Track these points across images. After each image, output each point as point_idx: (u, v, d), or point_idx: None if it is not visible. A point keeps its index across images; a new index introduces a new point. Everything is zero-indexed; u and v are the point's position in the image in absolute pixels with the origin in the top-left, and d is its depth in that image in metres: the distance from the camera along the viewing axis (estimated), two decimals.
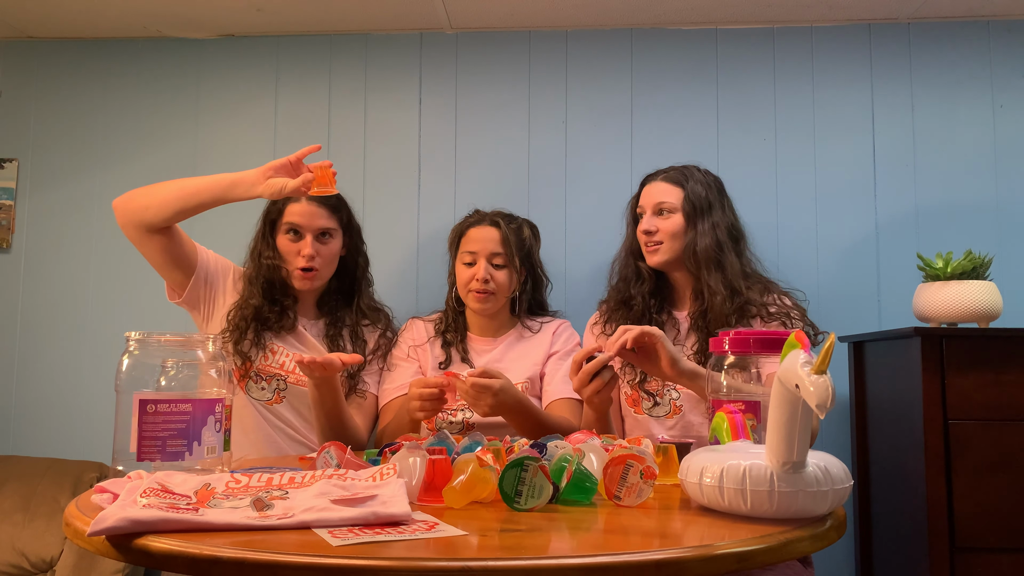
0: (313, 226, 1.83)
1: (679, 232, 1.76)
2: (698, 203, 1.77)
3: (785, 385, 0.89)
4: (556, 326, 1.94)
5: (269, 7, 2.28)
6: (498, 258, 1.85)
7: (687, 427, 1.73)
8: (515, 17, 2.33)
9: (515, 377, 1.83)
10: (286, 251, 1.84)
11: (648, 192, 1.83)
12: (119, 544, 0.81)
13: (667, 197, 1.78)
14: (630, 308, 1.82)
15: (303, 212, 1.84)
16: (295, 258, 1.83)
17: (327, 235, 1.86)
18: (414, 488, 1.01)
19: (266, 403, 1.82)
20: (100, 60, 2.47)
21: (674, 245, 1.77)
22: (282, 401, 1.83)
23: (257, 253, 1.87)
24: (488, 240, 1.85)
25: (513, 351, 1.90)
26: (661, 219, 1.78)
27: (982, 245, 2.11)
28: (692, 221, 1.76)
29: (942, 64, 2.31)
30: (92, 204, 2.42)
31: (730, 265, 1.74)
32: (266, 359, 1.82)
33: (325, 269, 1.86)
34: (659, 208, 1.79)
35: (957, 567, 1.71)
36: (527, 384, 1.83)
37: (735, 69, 2.36)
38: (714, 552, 0.78)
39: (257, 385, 1.82)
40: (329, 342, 1.89)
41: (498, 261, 1.85)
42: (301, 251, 1.82)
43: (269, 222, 1.88)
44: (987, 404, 1.74)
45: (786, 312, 1.72)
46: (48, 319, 2.39)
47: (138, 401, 1.07)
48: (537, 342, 1.91)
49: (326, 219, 1.85)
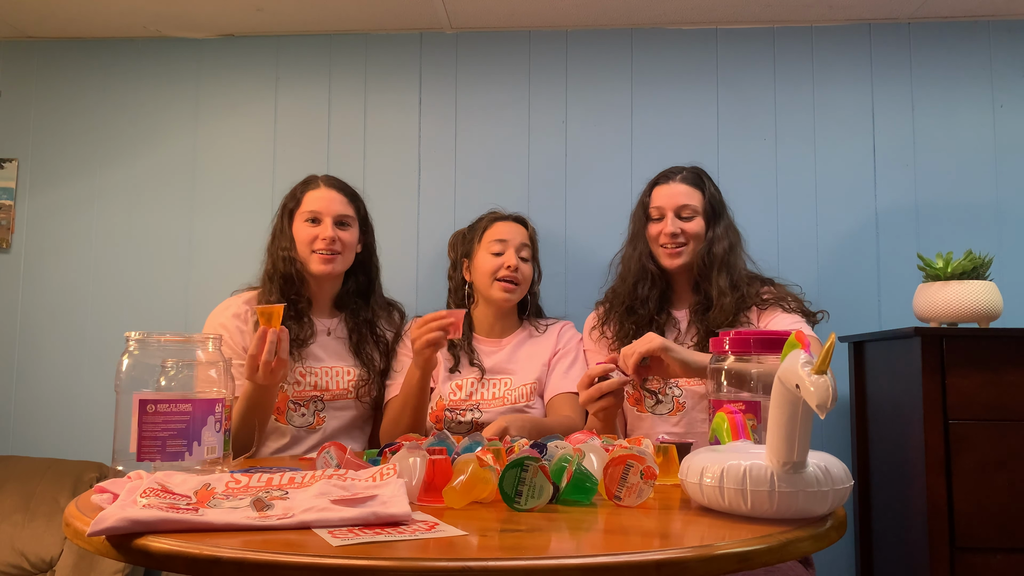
0: (332, 211, 1.81)
1: (701, 235, 1.77)
2: (716, 207, 1.80)
3: (785, 385, 0.89)
4: (561, 327, 1.97)
5: (269, 7, 2.28)
6: (525, 251, 1.89)
7: (691, 423, 1.73)
8: (515, 17, 2.33)
9: (523, 378, 1.86)
10: (305, 238, 1.81)
11: (666, 193, 1.81)
12: (119, 544, 0.80)
13: (690, 200, 1.78)
14: (635, 312, 1.81)
15: (322, 198, 1.82)
16: (314, 243, 1.80)
17: (345, 224, 1.84)
18: (414, 488, 1.01)
19: (308, 428, 1.80)
20: (100, 60, 2.47)
21: (696, 247, 1.77)
22: (324, 422, 1.81)
23: (274, 247, 1.85)
24: (517, 233, 1.89)
25: (520, 352, 1.91)
26: (684, 222, 1.78)
27: (982, 245, 2.11)
28: (711, 224, 1.78)
29: (942, 64, 2.31)
30: (92, 204, 2.42)
31: (735, 266, 1.77)
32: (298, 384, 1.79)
33: (344, 256, 1.84)
34: (682, 211, 1.78)
35: (957, 567, 1.71)
36: (535, 383, 1.85)
37: (735, 69, 2.36)
38: (714, 552, 0.78)
39: (297, 412, 1.79)
40: (354, 345, 1.87)
41: (524, 254, 1.88)
42: (320, 235, 1.79)
43: (287, 213, 1.85)
44: (987, 404, 1.74)
45: (781, 296, 1.74)
46: (48, 319, 2.39)
47: (138, 401, 1.07)
48: (543, 343, 1.93)
49: (345, 206, 1.84)
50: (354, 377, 1.84)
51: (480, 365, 1.87)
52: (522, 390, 1.84)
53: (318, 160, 2.39)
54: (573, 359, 1.89)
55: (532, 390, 1.84)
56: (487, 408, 1.82)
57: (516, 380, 1.86)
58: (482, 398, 1.84)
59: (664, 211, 1.79)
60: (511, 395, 1.84)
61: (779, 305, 1.73)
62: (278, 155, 2.40)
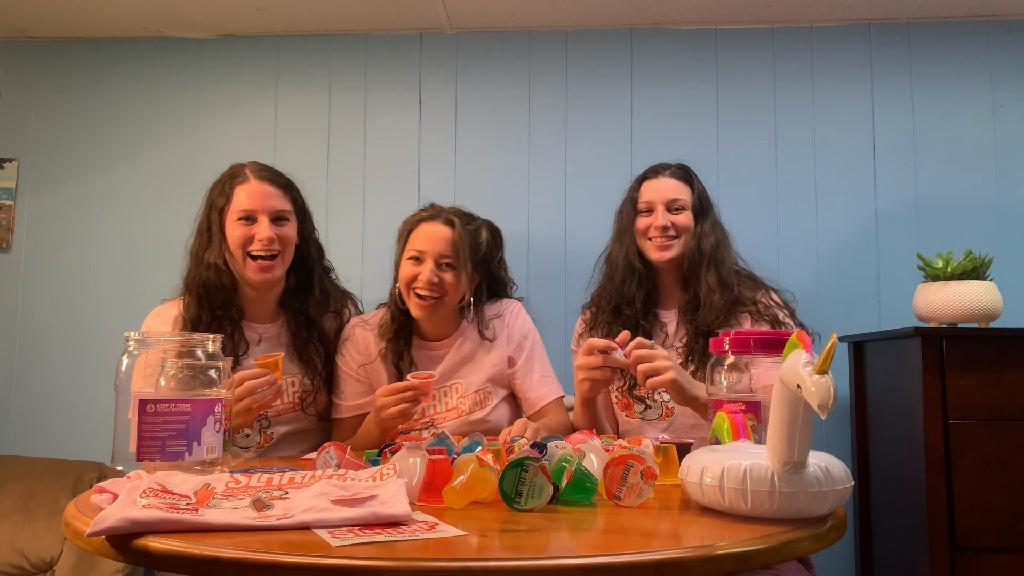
0: (267, 207, 1.63)
1: (691, 228, 1.77)
2: (704, 203, 1.79)
3: (786, 385, 0.89)
4: (508, 319, 1.78)
5: (269, 7, 2.28)
6: (447, 259, 1.66)
7: (679, 430, 1.72)
8: (515, 17, 2.33)
9: (472, 386, 1.73)
10: (238, 239, 1.61)
11: (656, 188, 1.80)
12: (119, 544, 0.80)
13: (680, 194, 1.77)
14: (622, 313, 1.78)
15: (254, 193, 1.63)
16: (249, 244, 1.61)
17: (282, 219, 1.65)
18: (414, 488, 1.01)
19: (257, 447, 1.67)
20: (100, 60, 2.47)
21: (686, 241, 1.77)
22: (272, 439, 1.69)
23: (198, 254, 1.65)
24: (439, 239, 1.66)
25: (463, 353, 1.75)
26: (674, 214, 1.77)
27: (982, 245, 2.11)
28: (699, 219, 1.77)
29: (942, 64, 2.31)
30: (92, 204, 2.42)
31: (724, 262, 1.75)
32: None
33: (284, 255, 1.66)
34: (672, 204, 1.77)
35: (957, 567, 1.71)
36: (487, 386, 1.73)
37: (735, 69, 2.36)
38: (714, 552, 0.78)
39: (241, 434, 1.64)
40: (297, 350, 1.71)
41: (447, 262, 1.66)
42: (257, 235, 1.61)
43: (215, 210, 1.65)
44: (987, 404, 1.74)
45: (774, 313, 1.71)
46: (48, 319, 2.39)
47: (138, 401, 1.07)
48: (490, 345, 1.76)
49: (280, 199, 1.66)
50: (299, 388, 1.70)
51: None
52: (475, 397, 1.73)
53: (318, 160, 2.39)
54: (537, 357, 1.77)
55: (485, 395, 1.73)
56: (442, 422, 1.71)
57: (465, 387, 1.73)
58: (435, 411, 1.72)
59: (654, 204, 1.78)
60: (464, 404, 1.72)
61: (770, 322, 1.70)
62: (278, 155, 2.39)
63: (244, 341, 1.67)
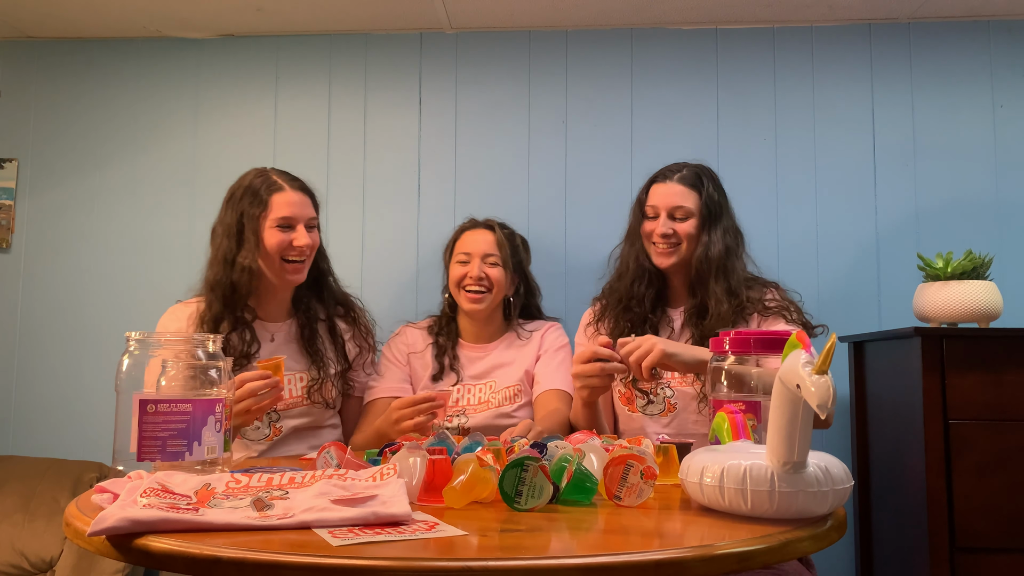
0: (304, 215, 1.75)
1: (694, 236, 1.75)
2: (714, 209, 1.76)
3: (786, 385, 0.89)
4: (545, 330, 1.97)
5: (269, 7, 2.28)
6: (492, 257, 1.88)
7: (682, 425, 1.73)
8: (515, 17, 2.33)
9: (505, 381, 1.88)
10: (277, 247, 1.71)
11: (662, 193, 1.78)
12: (119, 544, 0.80)
13: (685, 202, 1.75)
14: (631, 310, 1.81)
15: (294, 202, 1.74)
16: (286, 250, 1.72)
17: (313, 226, 1.79)
18: (414, 488, 1.01)
19: (266, 439, 1.74)
20: (100, 60, 2.47)
21: (688, 248, 1.76)
22: (280, 433, 1.75)
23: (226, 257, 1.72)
24: (482, 241, 1.90)
25: (504, 358, 1.93)
26: (676, 222, 1.76)
27: (982, 245, 2.11)
28: (706, 227, 1.75)
29: (942, 64, 2.31)
30: (92, 204, 2.42)
31: (734, 271, 1.74)
32: None
33: (310, 259, 1.78)
34: (676, 212, 1.76)
35: (957, 567, 1.71)
36: (517, 386, 1.88)
37: (735, 69, 2.36)
38: (714, 552, 0.78)
39: (251, 427, 1.71)
40: (306, 344, 1.80)
41: (492, 260, 1.88)
42: (295, 241, 1.72)
43: (250, 218, 1.72)
44: (987, 404, 1.74)
45: (784, 306, 1.72)
46: (48, 319, 2.39)
47: (138, 401, 1.07)
48: (527, 348, 1.94)
49: (311, 207, 1.79)
50: (306, 382, 1.78)
51: (460, 372, 1.90)
52: (505, 393, 1.87)
53: (318, 160, 2.39)
54: (561, 359, 1.90)
55: (515, 393, 1.87)
56: (473, 413, 1.85)
57: (499, 383, 1.88)
58: (468, 403, 1.86)
59: (658, 210, 1.77)
60: (495, 398, 1.86)
61: (781, 315, 1.71)
62: (278, 155, 2.39)
63: (256, 341, 1.76)
